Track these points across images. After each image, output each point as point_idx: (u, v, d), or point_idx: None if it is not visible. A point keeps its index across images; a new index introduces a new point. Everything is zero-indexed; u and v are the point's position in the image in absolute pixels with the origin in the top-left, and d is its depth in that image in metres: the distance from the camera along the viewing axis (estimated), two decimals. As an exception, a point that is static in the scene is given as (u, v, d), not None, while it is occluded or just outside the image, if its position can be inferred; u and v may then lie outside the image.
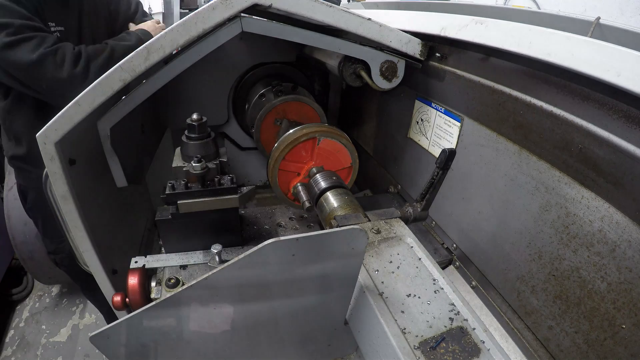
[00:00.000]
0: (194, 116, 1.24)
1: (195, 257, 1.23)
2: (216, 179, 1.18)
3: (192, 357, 0.93)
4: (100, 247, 1.17)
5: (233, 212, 1.22)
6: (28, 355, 2.52)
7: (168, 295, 0.75)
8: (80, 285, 2.20)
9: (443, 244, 1.34)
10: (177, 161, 1.25)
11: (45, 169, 1.01)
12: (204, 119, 1.25)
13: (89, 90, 0.98)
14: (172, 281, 1.12)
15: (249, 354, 0.98)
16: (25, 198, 1.81)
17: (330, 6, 1.08)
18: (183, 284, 1.12)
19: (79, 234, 1.10)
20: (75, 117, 0.98)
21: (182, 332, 0.84)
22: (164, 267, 1.21)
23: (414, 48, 1.23)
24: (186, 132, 1.25)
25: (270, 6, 1.04)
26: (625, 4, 2.90)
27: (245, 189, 1.21)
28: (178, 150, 1.29)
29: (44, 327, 2.72)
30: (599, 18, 1.23)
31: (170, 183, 1.16)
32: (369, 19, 1.14)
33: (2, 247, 2.63)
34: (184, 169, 1.18)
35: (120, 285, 1.23)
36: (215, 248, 1.15)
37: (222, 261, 1.15)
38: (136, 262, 1.20)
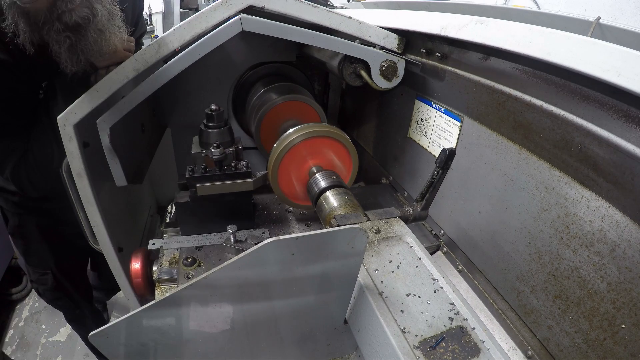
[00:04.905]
0: (213, 107, 1.32)
1: (210, 239, 1.30)
2: (232, 164, 1.27)
3: (191, 357, 0.93)
4: (109, 224, 1.25)
5: (247, 195, 1.31)
6: (28, 354, 2.52)
7: (171, 292, 0.75)
8: (64, 313, 2.15)
9: (432, 230, 1.39)
10: (196, 148, 1.34)
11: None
12: (222, 109, 1.33)
13: (106, 78, 1.08)
14: (190, 260, 1.19)
15: (248, 354, 0.98)
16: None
17: (315, 6, 1.17)
18: (199, 264, 1.20)
19: (91, 209, 1.19)
20: (93, 103, 1.07)
21: (181, 331, 0.84)
22: (180, 248, 1.28)
23: (392, 42, 1.31)
24: (204, 121, 1.33)
25: (263, 7, 1.12)
26: (625, 3, 2.90)
27: (258, 174, 1.29)
28: (196, 138, 1.38)
29: (43, 326, 2.72)
30: (599, 18, 1.24)
31: (189, 167, 1.24)
32: (350, 17, 1.22)
33: (1, 246, 2.62)
34: (203, 155, 1.27)
35: (125, 262, 1.31)
36: (231, 228, 1.21)
37: (236, 241, 1.23)
38: (153, 243, 1.28)
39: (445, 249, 1.31)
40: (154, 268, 1.22)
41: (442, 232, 1.32)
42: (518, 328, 1.01)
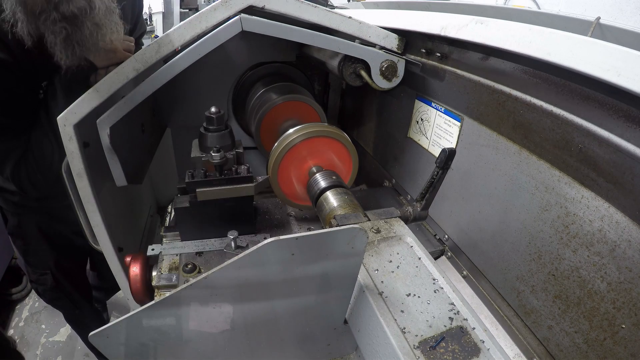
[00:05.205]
0: (213, 109, 1.29)
1: (210, 244, 1.27)
2: (233, 168, 1.24)
3: (191, 357, 0.93)
4: (109, 224, 1.24)
5: (248, 200, 1.28)
6: (28, 354, 2.52)
7: (172, 291, 0.75)
8: (64, 313, 2.15)
9: (435, 235, 1.37)
10: (196, 152, 1.31)
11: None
12: (222, 111, 1.30)
13: (106, 78, 1.08)
14: (190, 266, 1.17)
15: (248, 354, 0.98)
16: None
17: (315, 6, 1.17)
18: (200, 270, 1.17)
19: (91, 209, 1.19)
20: (92, 102, 1.07)
21: (181, 331, 0.84)
22: (180, 254, 1.25)
23: (392, 42, 1.31)
24: (204, 124, 1.31)
25: (263, 7, 1.12)
26: (625, 3, 2.90)
27: (260, 179, 1.26)
28: (195, 141, 1.35)
29: (43, 326, 2.72)
30: (599, 18, 1.23)
31: (189, 172, 1.21)
32: (350, 17, 1.22)
33: (1, 246, 2.62)
34: (203, 159, 1.24)
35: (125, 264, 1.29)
36: (232, 234, 1.19)
37: (237, 247, 1.20)
38: (153, 249, 1.25)
39: (449, 254, 1.31)
40: (153, 274, 1.19)
41: (446, 236, 1.31)
42: (524, 335, 1.00)
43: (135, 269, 1.18)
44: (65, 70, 1.09)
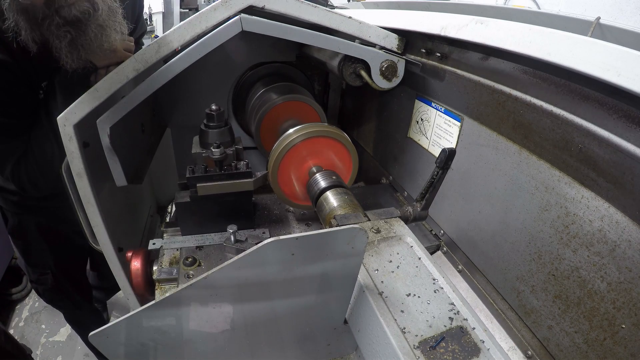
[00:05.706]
0: (213, 106, 1.32)
1: (210, 239, 1.30)
2: (233, 164, 1.27)
3: (191, 357, 0.93)
4: (109, 224, 1.25)
5: (247, 195, 1.31)
6: (28, 354, 2.52)
7: (174, 291, 0.75)
8: (64, 313, 2.16)
9: (431, 230, 1.38)
10: (196, 148, 1.33)
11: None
12: (222, 108, 1.33)
13: (106, 78, 1.08)
14: (190, 260, 1.19)
15: (248, 354, 0.98)
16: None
17: (315, 6, 1.18)
18: (200, 263, 1.20)
19: (91, 209, 1.19)
20: (92, 103, 1.07)
21: (181, 331, 0.84)
22: (180, 248, 1.28)
23: (392, 42, 1.32)
24: (205, 121, 1.34)
25: (263, 7, 1.13)
26: (625, 3, 2.90)
27: (259, 174, 1.29)
28: (196, 138, 1.38)
29: (43, 326, 2.72)
30: (599, 18, 1.24)
31: (190, 167, 1.24)
32: (350, 17, 1.23)
33: (1, 246, 2.62)
34: (203, 155, 1.27)
35: (125, 262, 1.31)
36: (231, 228, 1.21)
37: (236, 241, 1.22)
38: (154, 243, 1.28)
39: (445, 248, 1.31)
40: (154, 268, 1.22)
41: (442, 232, 1.32)
42: (518, 328, 1.01)
43: (136, 264, 1.21)
44: (70, 76, 1.09)
